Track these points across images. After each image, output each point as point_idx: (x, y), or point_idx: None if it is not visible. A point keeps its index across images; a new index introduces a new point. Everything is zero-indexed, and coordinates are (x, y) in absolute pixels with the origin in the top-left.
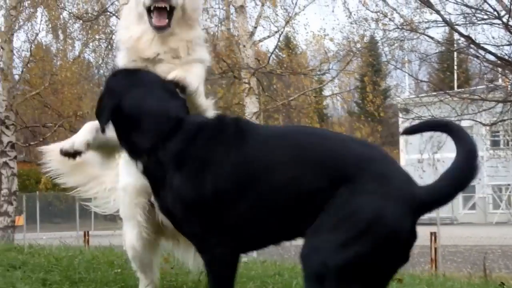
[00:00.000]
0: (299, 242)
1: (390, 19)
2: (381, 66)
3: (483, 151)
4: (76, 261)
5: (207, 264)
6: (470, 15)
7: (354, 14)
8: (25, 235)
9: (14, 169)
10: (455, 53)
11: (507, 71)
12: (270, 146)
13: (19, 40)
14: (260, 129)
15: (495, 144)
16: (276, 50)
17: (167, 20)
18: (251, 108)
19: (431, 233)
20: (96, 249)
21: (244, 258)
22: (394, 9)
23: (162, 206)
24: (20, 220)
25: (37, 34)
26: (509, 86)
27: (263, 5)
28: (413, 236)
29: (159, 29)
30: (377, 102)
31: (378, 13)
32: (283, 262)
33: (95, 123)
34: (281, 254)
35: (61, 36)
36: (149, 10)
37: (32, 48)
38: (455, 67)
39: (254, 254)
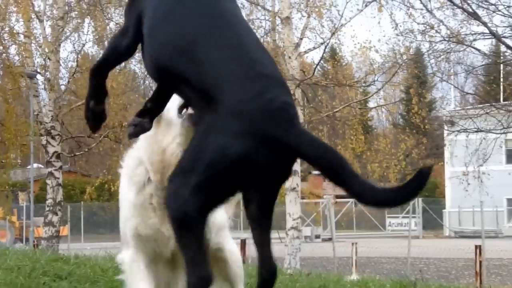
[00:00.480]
0: (341, 254)
1: (436, 31)
2: (427, 78)
3: None
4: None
5: None
6: None
7: (400, 26)
8: (69, 245)
9: (59, 179)
10: (502, 65)
11: None
12: None
13: (66, 50)
14: None
15: None
16: (322, 62)
17: None
18: None
19: (476, 246)
20: None
21: (288, 270)
22: (441, 21)
23: None
24: (65, 230)
25: (83, 45)
26: None
27: (309, 16)
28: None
29: None
30: (423, 114)
31: (425, 25)
32: (328, 274)
33: None
34: (324, 266)
35: None
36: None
37: (78, 59)
38: (501, 79)
39: (297, 266)
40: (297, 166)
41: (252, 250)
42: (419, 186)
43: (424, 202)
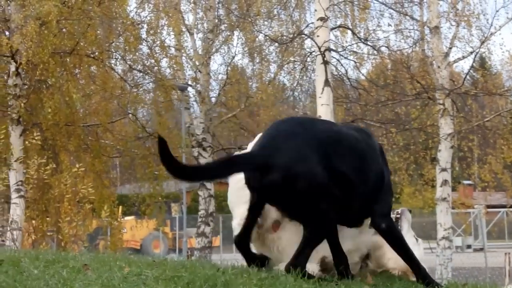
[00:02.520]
0: (493, 264)
1: None
2: None
3: None
4: (279, 282)
5: None
6: None
7: None
8: (222, 255)
9: (211, 191)
10: None
11: None
12: None
13: (216, 63)
14: None
15: None
16: (471, 71)
17: None
18: (445, 129)
19: None
20: None
21: (442, 281)
22: None
23: None
24: (217, 241)
25: (233, 57)
26: None
27: (458, 25)
28: None
29: None
30: None
31: None
32: (484, 284)
33: None
34: (476, 276)
35: (257, 59)
36: None
37: (228, 71)
38: None
39: (449, 276)
40: (448, 176)
41: None
42: None
43: None
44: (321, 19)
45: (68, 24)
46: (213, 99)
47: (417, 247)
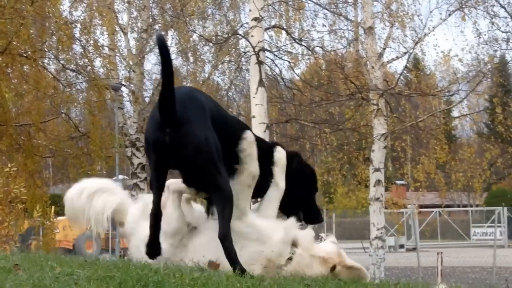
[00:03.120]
0: (426, 264)
1: None
2: (511, 86)
3: None
4: (211, 282)
5: None
6: None
7: (484, 34)
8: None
9: (144, 190)
10: None
11: None
12: None
13: (150, 62)
14: None
15: None
16: (405, 71)
17: None
18: (379, 130)
19: None
20: None
21: (376, 280)
22: None
23: None
24: None
25: None
26: None
27: (392, 26)
28: None
29: None
30: (508, 123)
31: (509, 33)
32: (415, 284)
33: None
34: (409, 276)
35: (191, 59)
36: None
37: None
38: None
39: (382, 275)
40: (381, 176)
41: None
42: None
43: (509, 211)
44: (255, 19)
45: (1, 23)
46: (147, 99)
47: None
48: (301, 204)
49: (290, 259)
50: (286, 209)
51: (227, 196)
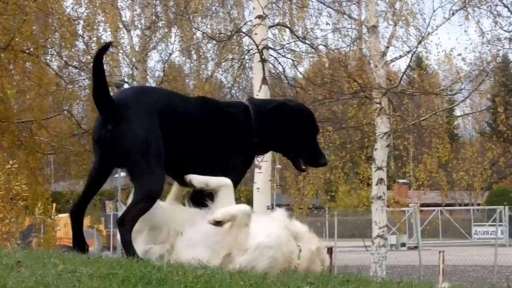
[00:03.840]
0: (427, 262)
1: None
2: None
3: None
4: (214, 280)
5: None
6: None
7: (488, 34)
8: None
9: None
10: None
11: None
12: None
13: (153, 60)
14: None
15: None
16: (408, 70)
17: None
18: (381, 128)
19: None
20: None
21: (378, 278)
22: None
23: None
24: None
25: (170, 54)
26: None
27: (395, 25)
28: None
29: None
30: (510, 122)
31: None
32: (419, 282)
33: None
34: (410, 274)
35: (194, 56)
36: None
37: (165, 68)
38: None
39: (383, 274)
40: (383, 174)
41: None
42: None
43: (510, 210)
44: (259, 17)
45: (3, 19)
46: None
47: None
48: (302, 146)
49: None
50: (288, 153)
51: (148, 195)
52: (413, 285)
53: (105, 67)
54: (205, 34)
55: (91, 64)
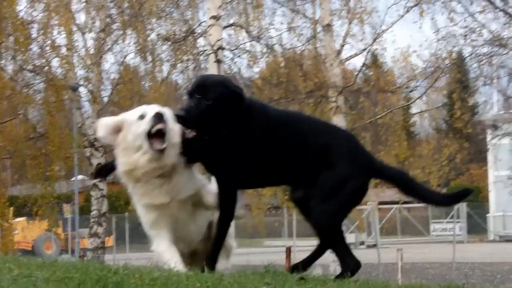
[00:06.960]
0: (386, 260)
1: (478, 35)
2: (469, 82)
3: None
4: (171, 282)
5: None
6: None
7: (442, 30)
8: (115, 255)
9: (103, 191)
10: None
11: None
12: None
13: (108, 62)
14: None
15: None
16: (363, 68)
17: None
18: None
19: None
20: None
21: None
22: (483, 25)
23: None
24: (110, 241)
25: (125, 56)
26: None
27: (350, 23)
28: None
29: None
30: (465, 119)
31: (466, 29)
32: (375, 280)
33: None
34: (369, 272)
35: (149, 58)
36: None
37: (120, 70)
38: None
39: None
40: None
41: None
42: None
43: (468, 207)
44: (213, 17)
45: None
46: (105, 99)
47: None
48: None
49: None
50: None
51: None
52: (370, 284)
53: (59, 70)
54: (159, 36)
55: (45, 67)
